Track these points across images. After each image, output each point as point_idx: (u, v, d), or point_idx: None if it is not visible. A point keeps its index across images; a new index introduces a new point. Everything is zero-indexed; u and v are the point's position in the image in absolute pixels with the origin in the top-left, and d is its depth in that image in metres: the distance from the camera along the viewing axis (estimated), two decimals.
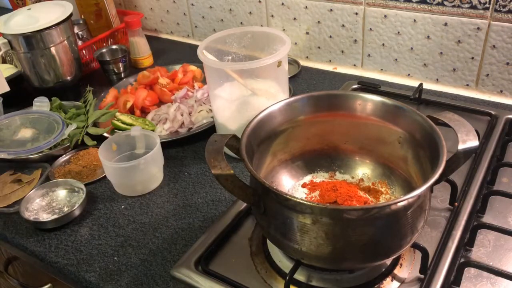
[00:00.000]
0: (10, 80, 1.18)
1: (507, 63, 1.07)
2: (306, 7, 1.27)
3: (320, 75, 1.28)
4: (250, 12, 1.39)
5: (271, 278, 0.72)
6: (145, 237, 0.84)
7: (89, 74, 1.40)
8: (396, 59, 1.21)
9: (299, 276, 0.70)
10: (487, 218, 0.79)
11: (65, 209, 0.90)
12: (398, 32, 1.16)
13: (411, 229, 0.63)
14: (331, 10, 1.23)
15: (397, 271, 0.70)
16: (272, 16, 1.35)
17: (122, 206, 0.91)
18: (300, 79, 1.27)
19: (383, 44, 1.21)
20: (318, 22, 1.27)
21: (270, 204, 0.64)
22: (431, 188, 0.66)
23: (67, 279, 0.81)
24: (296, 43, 1.35)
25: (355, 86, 1.15)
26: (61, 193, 0.94)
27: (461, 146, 0.65)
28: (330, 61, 1.32)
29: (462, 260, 0.71)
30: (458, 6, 1.06)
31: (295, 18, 1.31)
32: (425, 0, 1.09)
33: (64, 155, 1.05)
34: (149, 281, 0.75)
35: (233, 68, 0.91)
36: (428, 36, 1.13)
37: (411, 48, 1.17)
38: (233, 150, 0.71)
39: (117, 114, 1.11)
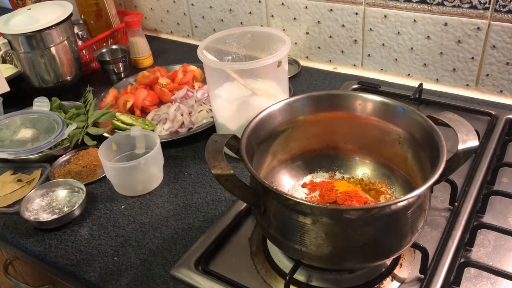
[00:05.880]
0: (10, 80, 1.18)
1: (507, 63, 1.07)
2: (306, 7, 1.27)
3: (320, 75, 1.28)
4: (250, 12, 1.39)
5: (271, 278, 0.72)
6: (145, 237, 0.84)
7: (89, 74, 1.40)
8: (396, 59, 1.21)
9: (299, 276, 0.70)
10: (487, 218, 0.79)
11: (65, 209, 0.90)
12: (398, 32, 1.16)
13: (411, 229, 0.63)
14: (331, 10, 1.23)
15: (397, 271, 0.70)
16: (272, 16, 1.35)
17: (122, 206, 0.91)
18: (300, 79, 1.27)
19: (383, 44, 1.21)
20: (318, 22, 1.27)
21: (270, 204, 0.64)
22: (431, 188, 0.66)
23: (67, 279, 0.81)
24: (296, 43, 1.35)
25: (355, 86, 1.15)
26: (61, 193, 0.94)
27: (461, 146, 0.65)
28: (330, 61, 1.32)
29: (462, 260, 0.71)
30: (458, 6, 1.06)
31: (295, 18, 1.31)
32: (425, 0, 1.09)
33: (64, 155, 1.05)
34: (149, 281, 0.75)
35: (233, 68, 0.91)
36: (428, 36, 1.13)
37: (411, 48, 1.17)
38: (233, 150, 0.71)
39: (117, 114, 1.11)
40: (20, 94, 1.27)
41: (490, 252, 0.73)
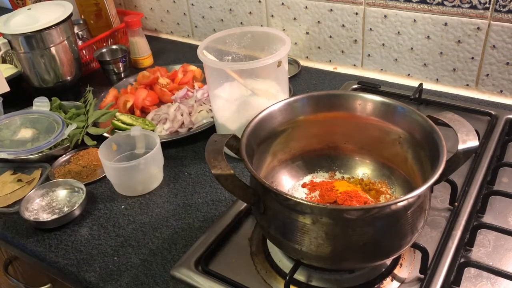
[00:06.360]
0: (10, 80, 1.18)
1: (507, 63, 1.07)
2: (306, 7, 1.27)
3: (320, 75, 1.28)
4: (250, 12, 1.39)
5: (271, 278, 0.72)
6: (145, 237, 0.84)
7: (89, 74, 1.40)
8: (396, 59, 1.21)
9: (299, 276, 0.70)
10: (487, 218, 0.79)
11: (65, 209, 0.90)
12: (398, 32, 1.16)
13: (411, 229, 0.63)
14: (331, 10, 1.23)
15: (397, 271, 0.70)
16: (272, 16, 1.35)
17: (122, 206, 0.91)
18: (300, 79, 1.27)
19: (383, 44, 1.21)
20: (318, 22, 1.27)
21: (270, 204, 0.64)
22: (431, 188, 0.66)
23: (67, 279, 0.81)
24: (296, 43, 1.35)
25: (355, 86, 1.15)
26: (61, 193, 0.94)
27: (461, 146, 0.65)
28: (330, 61, 1.32)
29: (462, 260, 0.71)
30: (458, 6, 1.06)
31: (295, 18, 1.31)
32: (425, 0, 1.09)
33: (64, 155, 1.05)
34: (149, 281, 0.75)
35: (233, 68, 0.91)
36: (428, 36, 1.13)
37: (411, 48, 1.17)
38: (233, 150, 0.71)
39: (117, 114, 1.11)
40: (20, 94, 1.27)
41: (490, 252, 0.73)
